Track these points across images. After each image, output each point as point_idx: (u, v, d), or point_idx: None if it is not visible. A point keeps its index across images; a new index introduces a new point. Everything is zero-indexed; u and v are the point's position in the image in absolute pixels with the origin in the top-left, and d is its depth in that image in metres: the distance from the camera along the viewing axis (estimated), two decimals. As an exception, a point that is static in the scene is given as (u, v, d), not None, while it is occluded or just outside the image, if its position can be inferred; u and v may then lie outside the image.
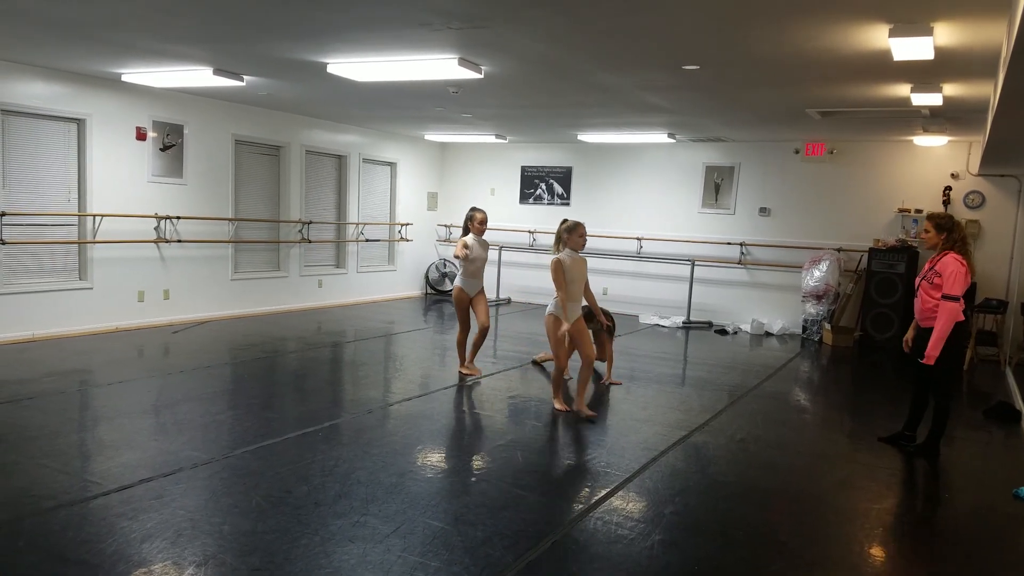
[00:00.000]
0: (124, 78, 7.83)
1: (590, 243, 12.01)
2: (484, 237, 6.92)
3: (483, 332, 6.82)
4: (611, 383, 6.88)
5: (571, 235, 5.71)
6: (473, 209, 6.86)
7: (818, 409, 6.85)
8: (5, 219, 7.39)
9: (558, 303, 5.61)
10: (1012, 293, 9.17)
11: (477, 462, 4.74)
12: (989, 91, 6.12)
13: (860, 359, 9.20)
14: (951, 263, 4.89)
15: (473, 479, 4.42)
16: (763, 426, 5.82)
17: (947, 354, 4.90)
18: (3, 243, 7.40)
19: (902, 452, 5.28)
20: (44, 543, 3.32)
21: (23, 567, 3.10)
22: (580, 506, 4.03)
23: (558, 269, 5.58)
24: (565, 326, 5.57)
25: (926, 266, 5.14)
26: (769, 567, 3.44)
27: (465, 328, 6.91)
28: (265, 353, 7.73)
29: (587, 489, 4.31)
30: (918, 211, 9.85)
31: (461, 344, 7.01)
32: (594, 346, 6.02)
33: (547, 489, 4.26)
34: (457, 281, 6.87)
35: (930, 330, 4.95)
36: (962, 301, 4.85)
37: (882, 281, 9.59)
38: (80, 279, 8.22)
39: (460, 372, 6.98)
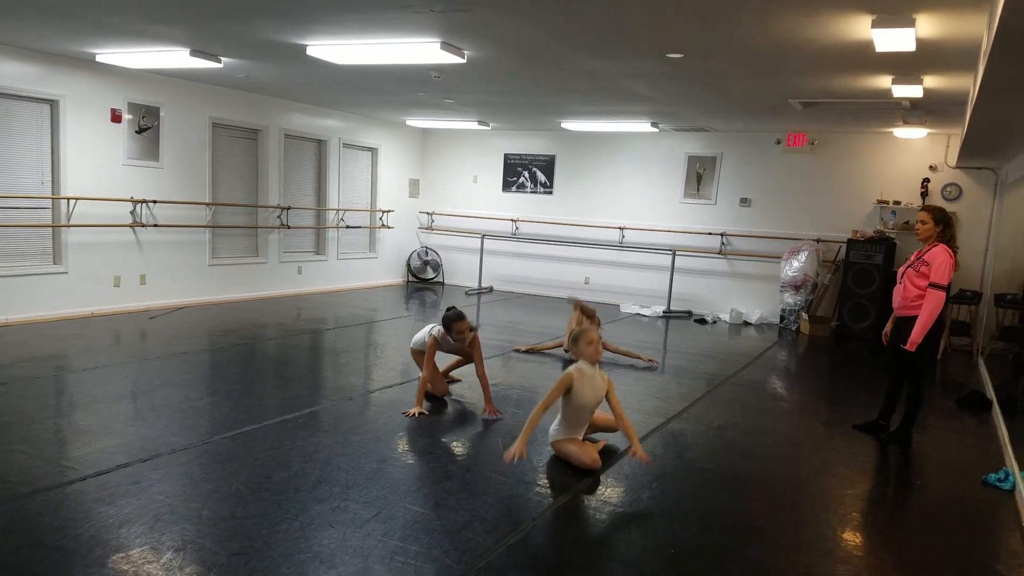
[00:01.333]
0: (98, 59, 7.70)
1: (573, 232, 12.30)
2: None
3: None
4: None
5: (577, 345, 4.46)
6: (451, 313, 5.66)
7: (795, 397, 6.92)
8: (-22, 201, 7.27)
9: (559, 425, 4.48)
10: (986, 285, 9.30)
11: (458, 449, 4.74)
12: (969, 83, 6.18)
13: (836, 348, 9.31)
14: (940, 253, 4.96)
15: (453, 466, 4.42)
16: (740, 414, 5.87)
17: (926, 343, 4.97)
18: (-24, 225, 7.28)
19: (876, 440, 5.36)
20: (20, 529, 3.28)
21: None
22: (559, 491, 4.05)
23: (563, 383, 4.33)
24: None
25: (912, 256, 5.21)
26: (745, 551, 3.48)
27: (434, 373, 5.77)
28: (244, 340, 7.68)
29: (566, 475, 4.32)
30: (896, 203, 9.95)
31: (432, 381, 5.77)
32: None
33: (527, 475, 4.27)
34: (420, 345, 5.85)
35: (908, 319, 5.03)
36: (945, 293, 4.92)
37: (860, 272, 9.69)
38: (55, 263, 8.10)
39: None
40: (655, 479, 4.33)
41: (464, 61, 6.48)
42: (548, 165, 12.44)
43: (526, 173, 12.62)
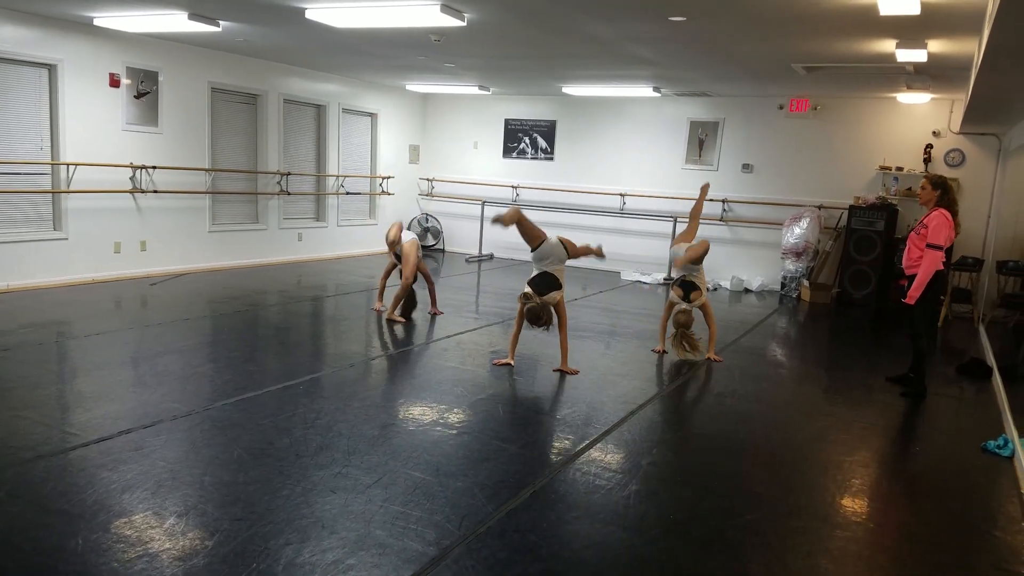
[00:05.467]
0: (96, 22, 7.60)
1: (574, 199, 12.24)
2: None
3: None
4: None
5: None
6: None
7: (794, 364, 6.94)
8: (-25, 167, 7.22)
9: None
10: (988, 252, 9.27)
11: (458, 415, 4.76)
12: (973, 48, 6.10)
13: (837, 316, 9.31)
14: (937, 216, 5.34)
15: (454, 432, 4.45)
16: (740, 380, 5.89)
17: (925, 299, 5.38)
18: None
19: (874, 406, 5.39)
20: (25, 493, 3.31)
21: (4, 517, 3.09)
22: (560, 458, 4.08)
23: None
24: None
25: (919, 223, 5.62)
26: (743, 516, 3.51)
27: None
28: (245, 306, 7.69)
29: (567, 441, 4.36)
30: (899, 169, 9.88)
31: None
32: None
33: (527, 441, 4.30)
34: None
35: (912, 279, 5.41)
36: (943, 252, 5.32)
37: (861, 239, 9.66)
38: (55, 229, 8.08)
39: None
40: (655, 445, 4.36)
41: (464, 24, 6.39)
42: (549, 131, 12.34)
43: (527, 139, 12.52)
